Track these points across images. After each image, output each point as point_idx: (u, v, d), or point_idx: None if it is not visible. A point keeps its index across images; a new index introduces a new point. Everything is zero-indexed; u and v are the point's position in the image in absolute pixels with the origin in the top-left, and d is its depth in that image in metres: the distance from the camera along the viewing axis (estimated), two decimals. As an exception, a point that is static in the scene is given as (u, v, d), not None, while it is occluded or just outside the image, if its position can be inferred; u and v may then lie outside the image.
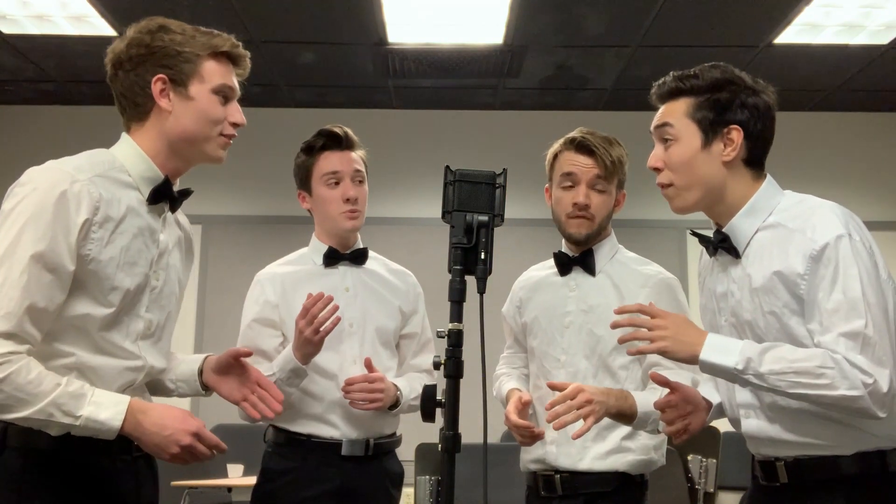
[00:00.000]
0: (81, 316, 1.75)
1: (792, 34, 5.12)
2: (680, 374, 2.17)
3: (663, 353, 1.82)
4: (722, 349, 1.76)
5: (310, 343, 2.26)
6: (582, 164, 2.35)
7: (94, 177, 1.76)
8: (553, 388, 2.14)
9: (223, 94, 1.89)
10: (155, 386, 2.04)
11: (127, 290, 1.80)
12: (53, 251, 1.68)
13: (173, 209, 1.95)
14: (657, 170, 1.94)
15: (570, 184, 2.36)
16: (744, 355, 1.74)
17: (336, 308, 2.26)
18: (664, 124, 1.92)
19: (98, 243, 1.74)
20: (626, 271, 2.38)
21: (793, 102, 6.06)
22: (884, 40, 5.19)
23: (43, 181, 1.71)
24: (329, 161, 2.48)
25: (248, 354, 2.05)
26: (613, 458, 2.29)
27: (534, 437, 2.28)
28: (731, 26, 5.03)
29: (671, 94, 1.93)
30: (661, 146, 1.93)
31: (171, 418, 1.75)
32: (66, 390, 1.67)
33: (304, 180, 2.54)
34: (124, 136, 1.90)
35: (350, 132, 2.53)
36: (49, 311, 1.69)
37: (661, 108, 1.96)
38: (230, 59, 1.92)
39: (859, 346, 1.68)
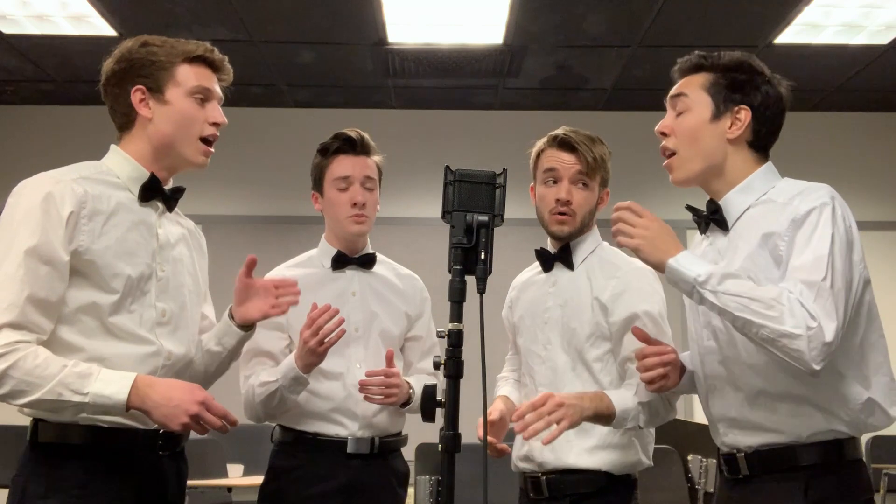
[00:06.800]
0: (90, 304, 1.85)
1: (792, 34, 5.12)
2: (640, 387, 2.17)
3: (635, 250, 1.87)
4: (691, 261, 1.81)
5: (313, 353, 2.28)
6: (564, 161, 2.36)
7: (79, 178, 1.88)
8: None
9: (199, 95, 1.99)
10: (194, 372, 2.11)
11: (128, 276, 1.89)
12: (45, 244, 1.78)
13: (169, 208, 2.04)
14: (663, 134, 2.00)
15: (552, 180, 2.38)
16: (709, 271, 1.78)
17: (342, 321, 2.27)
18: (680, 94, 1.99)
19: (90, 235, 1.84)
20: (601, 264, 2.39)
21: (793, 102, 6.05)
22: (884, 40, 5.20)
23: (30, 189, 1.84)
24: (341, 165, 2.50)
25: (253, 262, 2.13)
26: (599, 456, 2.29)
27: (497, 452, 2.30)
28: (731, 26, 5.03)
29: (693, 69, 2.01)
30: (672, 113, 2.00)
31: (179, 389, 1.82)
32: (72, 370, 1.76)
33: (317, 181, 2.57)
34: (112, 147, 2.01)
35: (367, 137, 2.54)
36: (51, 300, 1.79)
37: (680, 81, 2.02)
38: (207, 63, 2.02)
39: (814, 294, 1.71)
